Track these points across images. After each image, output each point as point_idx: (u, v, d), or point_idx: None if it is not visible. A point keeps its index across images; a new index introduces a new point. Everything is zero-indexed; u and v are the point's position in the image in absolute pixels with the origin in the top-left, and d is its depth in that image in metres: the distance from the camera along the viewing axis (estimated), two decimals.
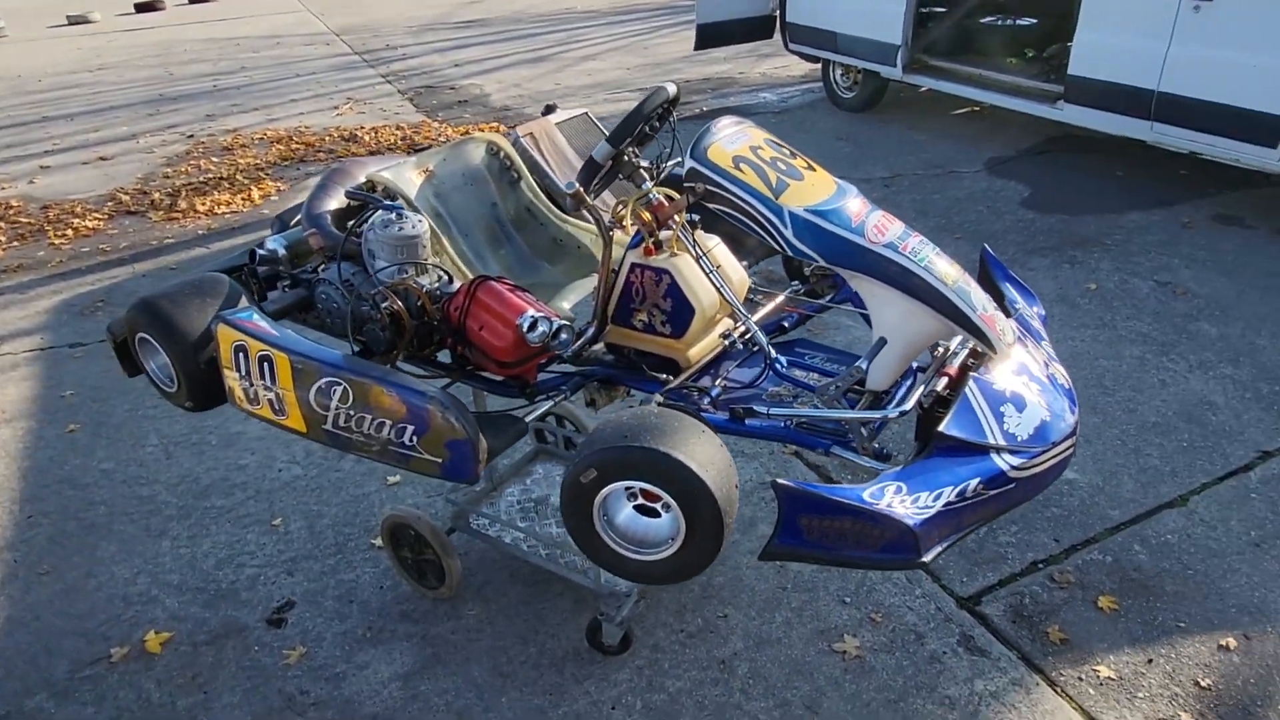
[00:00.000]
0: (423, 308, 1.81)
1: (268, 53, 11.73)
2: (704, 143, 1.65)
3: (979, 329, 1.54)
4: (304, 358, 1.64)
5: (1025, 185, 5.30)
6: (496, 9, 14.72)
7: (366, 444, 1.64)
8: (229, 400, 1.85)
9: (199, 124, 8.12)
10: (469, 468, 1.56)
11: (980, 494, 1.38)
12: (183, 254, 5.15)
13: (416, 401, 1.55)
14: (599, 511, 1.43)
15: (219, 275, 1.97)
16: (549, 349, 1.72)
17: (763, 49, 8.79)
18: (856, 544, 1.31)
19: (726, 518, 1.37)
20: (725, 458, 1.41)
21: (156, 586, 2.63)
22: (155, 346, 1.86)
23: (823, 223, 1.57)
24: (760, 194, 1.59)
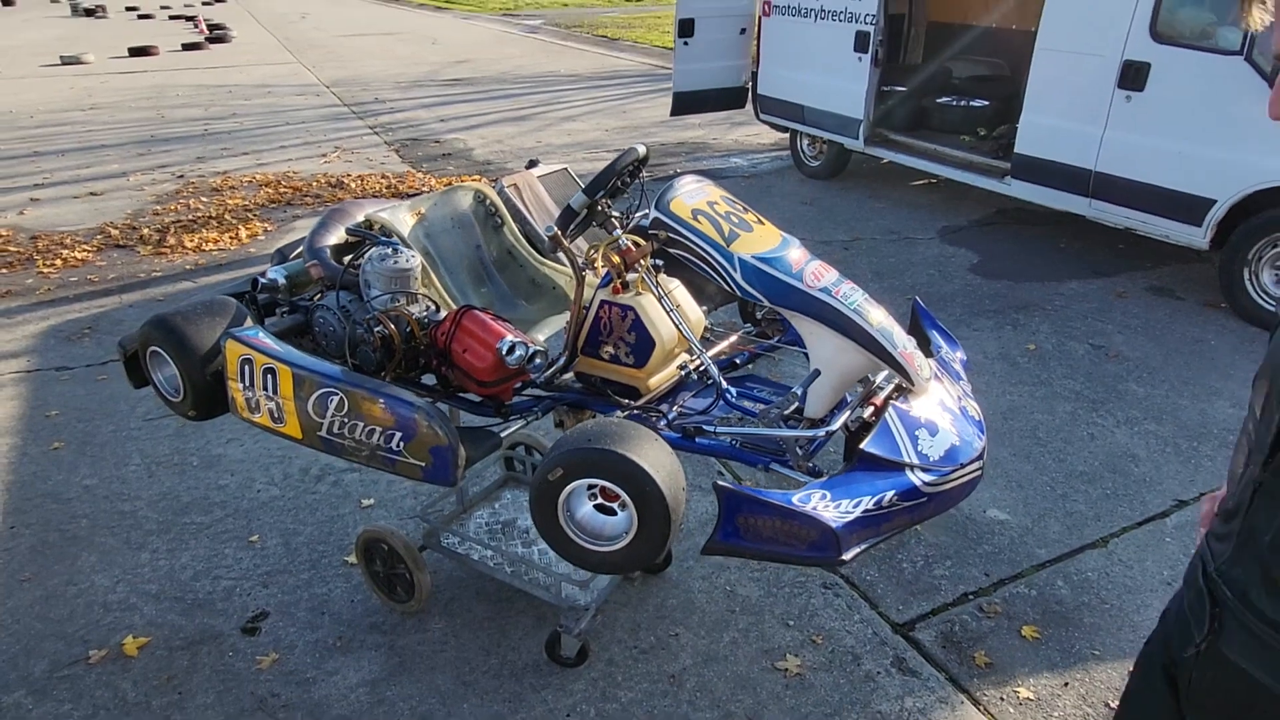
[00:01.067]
0: (412, 332, 2.02)
1: (259, 100, 12.04)
2: (667, 197, 1.89)
3: (899, 364, 1.78)
4: (306, 370, 1.83)
5: (974, 252, 5.66)
6: (483, 69, 15.22)
7: (357, 449, 1.82)
8: (230, 409, 2.03)
9: (189, 165, 8.33)
10: (449, 472, 1.74)
11: (895, 504, 1.58)
12: (170, 287, 5.30)
13: (405, 411, 1.74)
14: (563, 508, 1.62)
15: (227, 298, 2.17)
16: (525, 372, 1.92)
17: (735, 117, 9.25)
18: (785, 542, 1.50)
19: (674, 513, 1.56)
20: (674, 462, 1.61)
21: (135, 595, 2.74)
22: (166, 359, 2.04)
23: (767, 268, 1.81)
24: (714, 242, 1.83)
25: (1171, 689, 1.08)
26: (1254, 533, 0.91)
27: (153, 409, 3.87)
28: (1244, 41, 4.21)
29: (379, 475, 3.34)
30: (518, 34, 22.51)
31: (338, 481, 3.32)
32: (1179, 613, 1.08)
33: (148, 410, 3.86)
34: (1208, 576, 0.99)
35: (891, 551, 2.89)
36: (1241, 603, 0.93)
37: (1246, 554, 0.93)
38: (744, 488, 1.54)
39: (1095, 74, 4.86)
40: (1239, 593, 0.93)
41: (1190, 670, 1.02)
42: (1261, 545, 0.90)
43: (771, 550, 1.52)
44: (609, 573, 1.82)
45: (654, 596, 2.70)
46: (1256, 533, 0.91)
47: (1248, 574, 0.93)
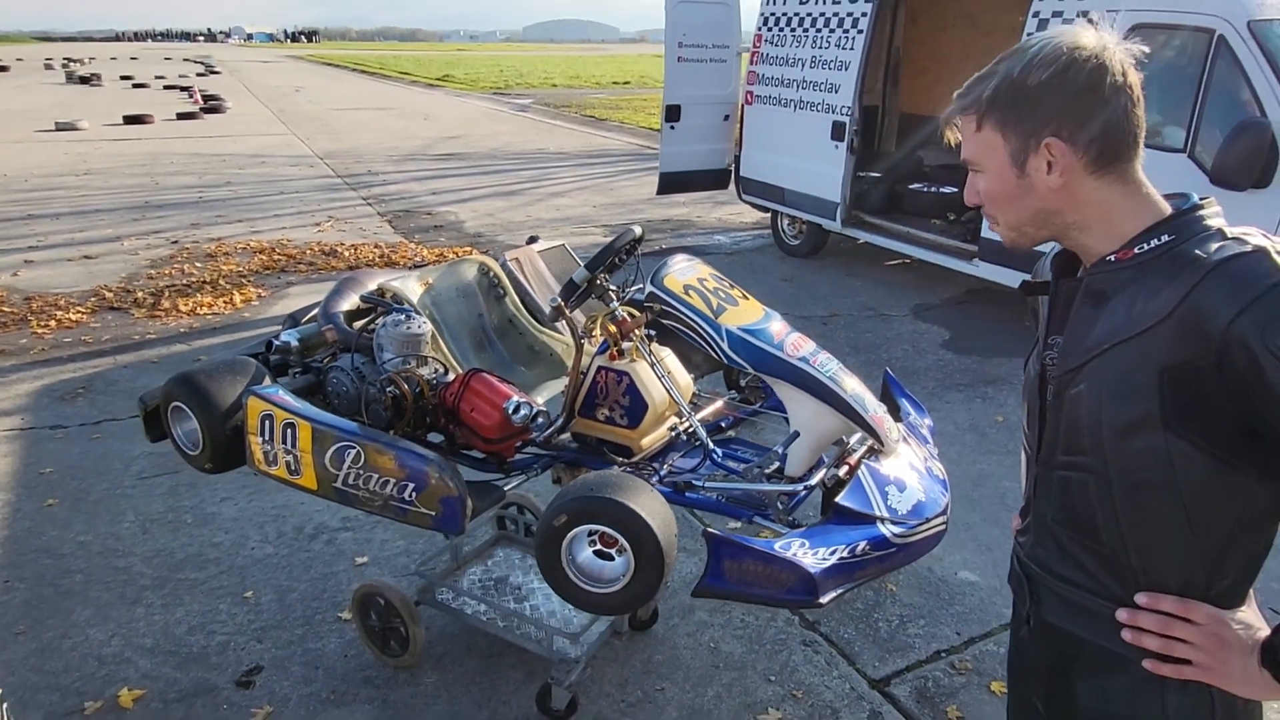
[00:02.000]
0: (421, 392, 2.17)
1: (253, 170, 12.36)
2: (661, 273, 2.09)
3: (870, 426, 1.95)
4: (325, 425, 1.97)
5: (946, 329, 5.92)
6: (474, 145, 15.73)
7: (370, 499, 1.95)
8: (248, 462, 2.15)
9: (183, 231, 8.53)
10: (458, 521, 1.88)
11: (868, 553, 1.73)
12: (164, 349, 5.42)
13: (418, 464, 1.88)
14: (566, 552, 1.75)
15: (247, 358, 2.31)
16: (527, 430, 2.07)
17: (718, 197, 9.62)
18: (768, 585, 1.64)
19: (667, 557, 1.70)
20: (668, 511, 1.75)
21: (130, 649, 2.79)
22: (188, 413, 2.17)
23: (752, 339, 1.99)
24: (704, 314, 2.02)
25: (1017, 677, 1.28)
26: (1042, 516, 1.14)
27: (146, 468, 3.95)
28: (1186, 140, 4.57)
29: (372, 534, 3.43)
30: (508, 112, 23.28)
31: (331, 540, 3.41)
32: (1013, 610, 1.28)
33: (141, 469, 3.94)
34: (1021, 563, 1.21)
35: (868, 610, 3.01)
36: (1048, 574, 1.15)
37: (1043, 535, 1.15)
38: (730, 534, 1.68)
39: None
40: (1045, 568, 1.15)
41: (1026, 647, 1.23)
42: (1049, 524, 1.13)
43: (755, 593, 1.66)
44: (606, 613, 1.94)
45: (640, 652, 2.80)
46: (1043, 515, 1.14)
47: (1047, 551, 1.15)
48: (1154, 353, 0.97)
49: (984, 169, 1.10)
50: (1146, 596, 1.05)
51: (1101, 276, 1.06)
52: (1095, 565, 1.09)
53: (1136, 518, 1.04)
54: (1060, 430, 1.08)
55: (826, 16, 6.69)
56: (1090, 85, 1.01)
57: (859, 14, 6.41)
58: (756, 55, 7.52)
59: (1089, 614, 1.11)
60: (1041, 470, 1.13)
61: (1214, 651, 1.02)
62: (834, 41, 6.63)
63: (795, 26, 7.02)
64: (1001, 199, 1.09)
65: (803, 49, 6.95)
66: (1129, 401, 0.99)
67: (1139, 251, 1.03)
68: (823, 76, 6.74)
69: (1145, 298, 1.00)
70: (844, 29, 6.54)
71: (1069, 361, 1.07)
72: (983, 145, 1.08)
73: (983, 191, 1.11)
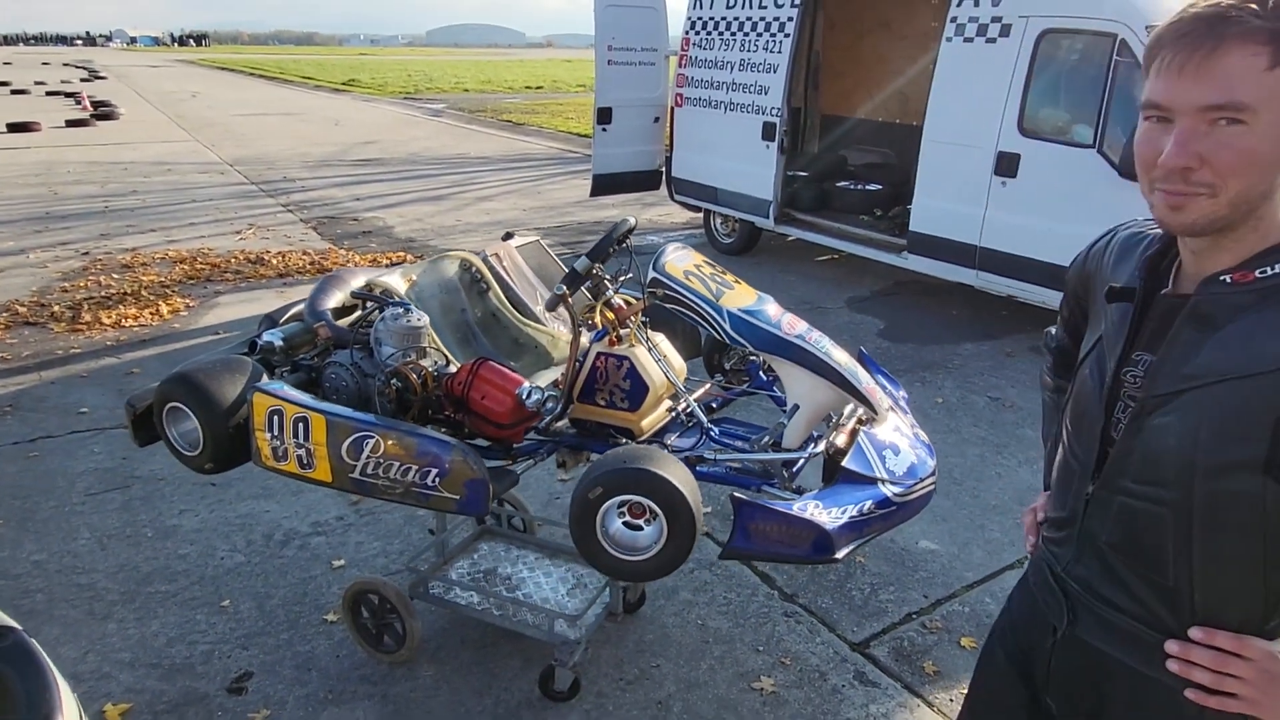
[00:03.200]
0: (426, 383, 2.20)
1: (159, 178, 11.85)
2: (662, 260, 2.18)
3: (865, 397, 2.09)
4: (341, 417, 1.99)
5: (880, 320, 6.21)
6: (391, 150, 15.46)
7: (390, 487, 1.97)
8: (254, 459, 2.14)
9: (93, 242, 8.14)
10: (482, 503, 1.92)
11: (873, 511, 1.87)
12: (92, 363, 5.19)
13: (441, 450, 1.92)
14: (600, 524, 1.82)
15: (242, 357, 2.29)
16: (539, 414, 2.14)
17: (647, 199, 9.75)
18: (790, 544, 1.75)
19: (698, 520, 1.79)
20: (693, 479, 1.85)
21: (108, 664, 2.71)
22: (186, 413, 2.14)
23: (752, 319, 2.11)
24: (706, 298, 2.12)
25: (1020, 674, 1.25)
26: (1092, 536, 1.09)
27: (94, 484, 3.80)
28: (1095, 136, 4.95)
29: (345, 538, 3.41)
30: (421, 116, 22.93)
31: (304, 545, 3.36)
32: (1029, 608, 1.24)
33: (89, 485, 3.79)
34: (1057, 577, 1.15)
35: (841, 581, 3.17)
36: (1090, 594, 1.10)
37: (1087, 554, 1.10)
38: (754, 497, 1.79)
39: (975, 163, 5.54)
40: (1086, 587, 1.11)
41: (1049, 657, 1.18)
42: (1100, 545, 1.08)
43: (778, 551, 1.77)
44: (642, 580, 2.00)
45: (632, 634, 2.88)
46: (1094, 536, 1.09)
47: (1090, 571, 1.10)
48: (1273, 396, 0.89)
49: (1257, 121, 0.88)
50: (1202, 632, 1.00)
51: (1213, 298, 0.96)
52: (1149, 594, 1.05)
53: (1212, 557, 0.99)
54: (1133, 455, 1.02)
55: (754, 21, 6.92)
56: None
57: (785, 18, 6.66)
58: (685, 58, 7.70)
59: (1132, 639, 1.07)
60: (1099, 491, 1.07)
61: (1264, 687, 0.98)
62: (761, 45, 6.85)
63: (723, 30, 7.22)
64: (1256, 166, 0.89)
65: (731, 52, 7.16)
66: (1232, 443, 0.92)
67: (1260, 275, 0.93)
68: (752, 79, 6.96)
69: (1267, 334, 0.91)
70: (771, 33, 6.77)
71: (1160, 386, 0.99)
72: (1273, 90, 0.86)
73: (1239, 150, 0.89)
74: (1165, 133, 0.92)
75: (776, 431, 2.11)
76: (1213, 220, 0.94)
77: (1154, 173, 0.95)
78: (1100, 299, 1.13)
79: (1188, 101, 0.89)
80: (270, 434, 2.06)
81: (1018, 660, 1.27)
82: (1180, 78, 0.89)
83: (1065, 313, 1.38)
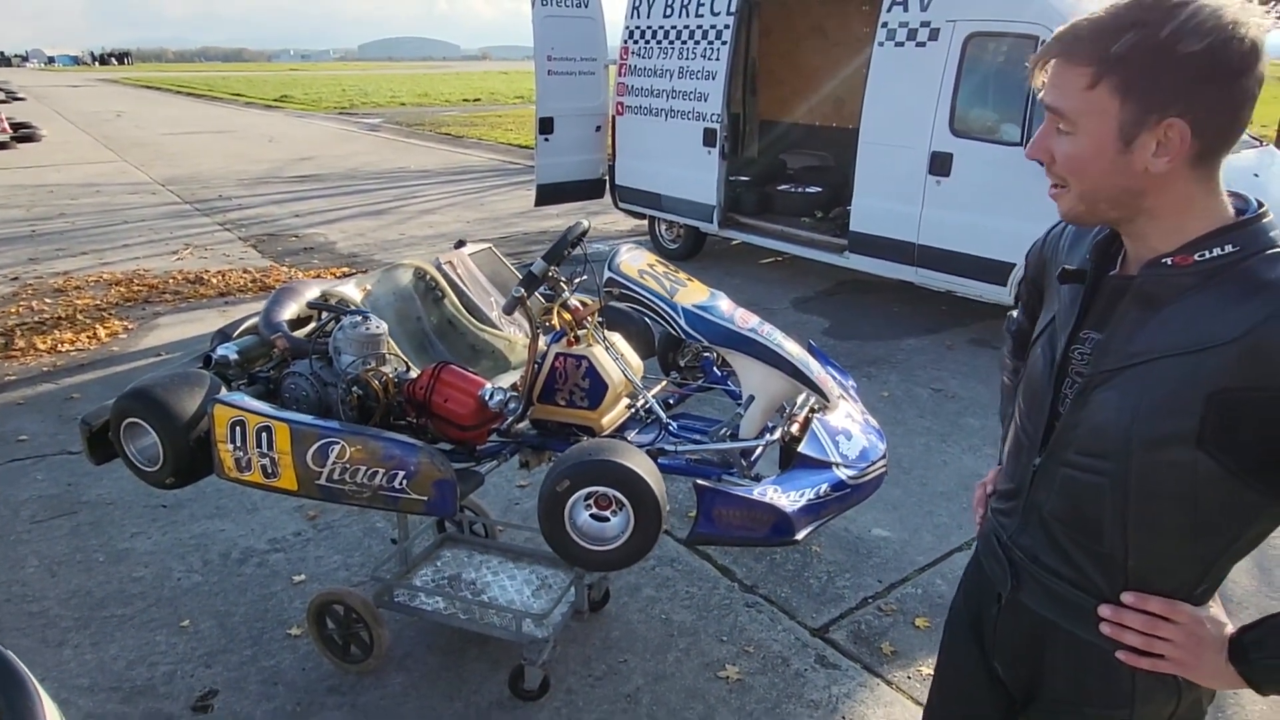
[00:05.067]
0: (387, 389, 2.22)
1: (88, 200, 11.50)
2: (617, 260, 2.25)
3: (817, 385, 2.18)
4: (304, 425, 2.00)
5: (825, 318, 6.37)
6: (329, 166, 15.24)
7: (358, 492, 1.99)
8: (216, 471, 2.13)
9: (21, 266, 7.88)
10: (451, 504, 1.95)
11: (829, 494, 1.95)
12: (29, 390, 5.04)
13: (407, 453, 1.95)
14: (568, 517, 1.87)
15: (199, 370, 2.28)
16: (502, 415, 2.18)
17: (590, 207, 9.77)
18: (751, 527, 1.82)
19: (663, 509, 1.85)
20: (657, 469, 1.92)
21: (65, 690, 2.65)
22: (145, 429, 2.12)
23: (706, 315, 2.18)
24: (660, 295, 2.19)
25: (976, 641, 1.31)
26: (1037, 506, 1.14)
27: (38, 511, 3.71)
28: (1023, 133, 5.17)
29: (305, 553, 3.38)
30: (358, 131, 22.64)
31: (262, 562, 3.33)
32: (978, 578, 1.31)
33: (33, 513, 3.70)
34: (1003, 545, 1.21)
35: (799, 570, 3.26)
36: (1033, 562, 1.16)
37: (1032, 523, 1.15)
38: (717, 485, 1.86)
39: (910, 163, 5.73)
40: (1030, 555, 1.16)
41: (995, 621, 1.25)
42: (1044, 515, 1.13)
43: (741, 535, 1.84)
44: (611, 569, 2.04)
45: (598, 631, 2.92)
46: (1039, 506, 1.14)
47: (1034, 540, 1.15)
48: (1208, 374, 0.94)
49: (1078, 131, 0.98)
50: (1134, 596, 1.06)
51: (1156, 279, 1.01)
52: (1087, 562, 1.10)
53: (1146, 525, 1.04)
54: (1078, 429, 1.06)
55: (691, 29, 7.05)
56: (1239, 71, 0.91)
57: (721, 26, 6.80)
58: (624, 67, 7.80)
59: (1069, 605, 1.12)
60: (1045, 463, 1.12)
61: (1191, 648, 1.04)
62: (699, 52, 6.99)
63: (661, 39, 7.34)
64: (1088, 168, 0.99)
65: (670, 60, 7.27)
66: (1168, 416, 0.97)
67: (1199, 259, 0.98)
68: (691, 86, 7.09)
69: (1206, 315, 0.96)
70: (708, 40, 6.91)
71: (1106, 362, 1.04)
72: (1089, 106, 0.96)
73: (1066, 154, 1.00)
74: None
75: (733, 423, 2.19)
76: (1076, 213, 1.04)
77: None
78: (1054, 281, 1.18)
79: (1045, 101, 1.01)
80: (233, 445, 2.06)
81: (972, 628, 1.33)
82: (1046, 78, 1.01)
83: (1024, 296, 1.45)
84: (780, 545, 2.07)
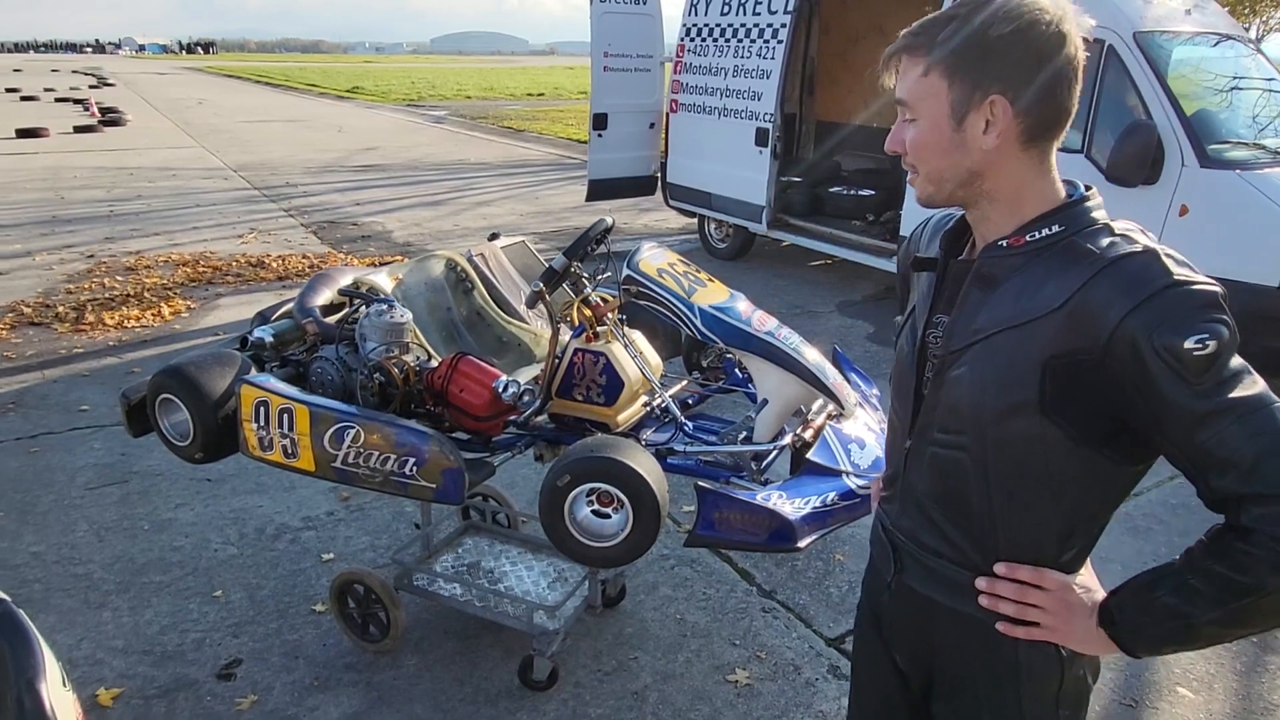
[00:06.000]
0: (407, 377, 2.28)
1: (164, 183, 11.97)
2: (636, 258, 2.26)
3: (831, 391, 2.16)
4: (323, 408, 2.06)
5: (870, 323, 6.28)
6: (392, 156, 15.58)
7: (370, 476, 2.05)
8: (241, 448, 2.22)
9: (98, 245, 8.25)
10: (459, 492, 2.00)
11: (836, 503, 1.93)
12: (95, 363, 5.28)
13: (418, 440, 1.99)
14: (568, 511, 1.89)
15: (232, 351, 2.37)
16: (516, 407, 2.21)
17: (643, 204, 9.85)
18: (752, 532, 1.82)
19: (662, 508, 1.86)
20: (660, 469, 1.92)
21: (101, 651, 2.78)
22: (177, 405, 2.22)
23: (723, 316, 2.18)
24: (678, 295, 2.20)
25: (878, 636, 1.33)
26: (912, 488, 1.17)
27: (93, 478, 3.89)
28: (1084, 141, 5.02)
29: (335, 532, 3.48)
30: (423, 123, 23.08)
31: (294, 539, 3.44)
32: (872, 569, 1.34)
33: (88, 480, 3.88)
34: (886, 531, 1.25)
35: (819, 579, 3.23)
36: (914, 543, 1.19)
37: (910, 505, 1.18)
38: (718, 487, 1.86)
39: None
40: (911, 536, 1.19)
41: (887, 609, 1.27)
42: (919, 495, 1.16)
43: (741, 539, 1.84)
44: (609, 566, 2.07)
45: (611, 627, 2.94)
46: (913, 487, 1.17)
47: (913, 521, 1.18)
48: (1039, 342, 1.00)
49: (919, 116, 1.07)
50: (1005, 566, 1.10)
51: (992, 261, 1.07)
52: (961, 538, 1.13)
53: (1008, 496, 1.08)
54: (938, 408, 1.11)
55: (748, 27, 7.01)
56: (1047, 51, 1.00)
57: (779, 25, 6.74)
58: (680, 65, 7.79)
59: (949, 582, 1.16)
60: (915, 444, 1.16)
61: (1061, 614, 1.08)
62: (755, 51, 6.94)
63: (717, 37, 7.31)
64: (930, 150, 1.07)
65: (725, 58, 7.24)
66: (1011, 387, 1.02)
67: (1030, 239, 1.05)
68: (745, 85, 7.05)
69: (1034, 287, 1.02)
70: (764, 39, 6.86)
71: (954, 342, 1.09)
72: (925, 90, 1.05)
73: (911, 139, 1.08)
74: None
75: (746, 425, 2.18)
76: (927, 194, 1.11)
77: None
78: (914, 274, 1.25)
79: (896, 95, 1.09)
80: (257, 424, 2.14)
81: (873, 624, 1.35)
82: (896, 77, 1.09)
83: (900, 293, 1.46)
84: (782, 552, 2.06)
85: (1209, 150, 4.71)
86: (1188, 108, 4.85)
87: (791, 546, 1.82)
